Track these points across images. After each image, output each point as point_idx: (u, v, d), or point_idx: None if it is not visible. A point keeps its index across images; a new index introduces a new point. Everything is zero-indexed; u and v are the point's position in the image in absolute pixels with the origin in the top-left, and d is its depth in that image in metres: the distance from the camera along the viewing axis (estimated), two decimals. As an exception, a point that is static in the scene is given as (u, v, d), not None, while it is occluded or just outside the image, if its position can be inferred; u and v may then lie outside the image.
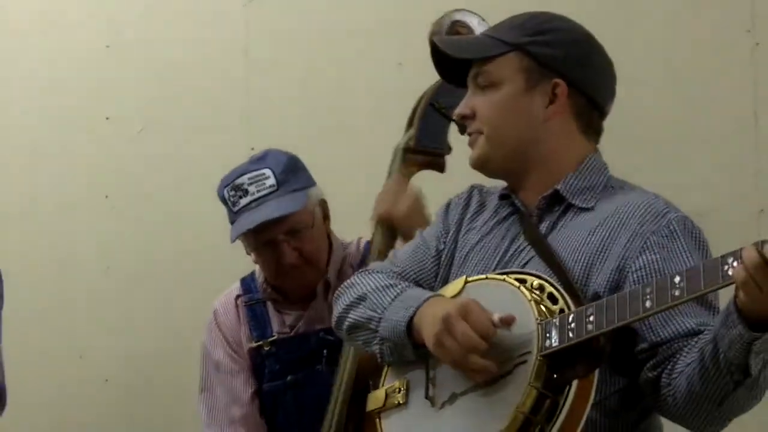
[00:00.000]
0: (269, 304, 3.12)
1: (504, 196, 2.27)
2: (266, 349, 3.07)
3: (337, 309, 2.34)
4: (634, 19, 3.61)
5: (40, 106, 4.04)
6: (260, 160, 3.06)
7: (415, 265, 2.33)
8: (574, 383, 1.94)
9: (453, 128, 2.76)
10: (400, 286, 2.25)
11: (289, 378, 3.04)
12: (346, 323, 2.31)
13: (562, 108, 2.19)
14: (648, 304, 1.86)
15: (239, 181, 3.02)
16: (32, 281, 3.93)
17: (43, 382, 3.96)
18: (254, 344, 3.08)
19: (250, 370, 3.09)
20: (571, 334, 1.94)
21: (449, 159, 2.88)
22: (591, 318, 1.93)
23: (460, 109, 2.25)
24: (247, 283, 3.18)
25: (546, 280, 2.06)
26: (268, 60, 3.92)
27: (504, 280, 2.10)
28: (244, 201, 3.00)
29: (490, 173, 2.26)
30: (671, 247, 2.07)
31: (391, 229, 2.80)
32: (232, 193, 3.02)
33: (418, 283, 2.30)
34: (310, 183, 3.07)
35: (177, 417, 3.90)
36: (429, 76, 3.61)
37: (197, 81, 3.97)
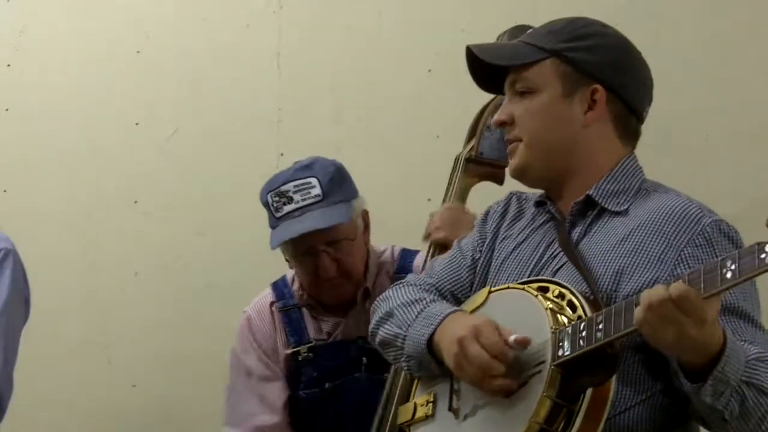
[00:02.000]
0: (304, 310, 3.08)
1: (540, 203, 2.27)
2: (303, 355, 3.02)
3: (371, 323, 2.36)
4: (662, 25, 3.60)
5: (70, 112, 4.05)
6: (307, 168, 3.00)
7: (451, 275, 2.34)
8: (589, 391, 1.93)
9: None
10: (424, 301, 2.25)
11: (327, 385, 3.00)
12: (377, 339, 2.33)
13: (601, 114, 2.18)
14: None
15: (284, 188, 2.97)
16: (62, 285, 3.94)
17: (71, 387, 3.96)
18: (291, 350, 3.04)
19: (285, 376, 3.05)
20: (582, 342, 1.94)
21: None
22: (600, 326, 1.92)
23: (499, 116, 2.25)
24: (280, 288, 3.14)
25: (567, 288, 2.06)
26: (299, 66, 3.92)
27: (524, 289, 2.09)
28: (287, 208, 2.96)
29: (531, 182, 2.26)
30: (706, 258, 2.05)
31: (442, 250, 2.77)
32: (276, 199, 2.97)
33: (453, 294, 2.31)
34: (354, 194, 3.04)
35: (205, 423, 3.90)
36: (458, 83, 3.62)
37: (227, 87, 3.97)
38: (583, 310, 2.00)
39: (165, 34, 4.04)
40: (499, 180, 2.83)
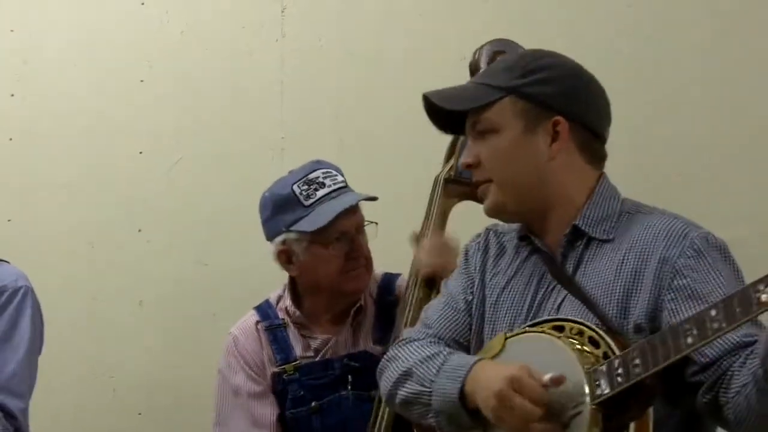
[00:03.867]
0: (291, 329, 3.10)
1: (523, 237, 2.27)
2: (289, 374, 3.04)
3: (385, 385, 2.33)
4: (671, 48, 3.61)
5: (74, 141, 4.06)
6: (316, 162, 3.09)
7: (449, 323, 2.34)
8: (632, 425, 1.94)
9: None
10: (442, 355, 2.24)
11: (313, 404, 3.02)
12: (398, 400, 2.30)
13: (566, 144, 2.18)
14: (690, 340, 1.86)
15: (313, 175, 3.03)
16: (66, 314, 3.94)
17: (77, 415, 3.97)
18: (277, 368, 3.06)
19: (272, 394, 3.06)
20: (619, 379, 1.94)
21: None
22: (636, 361, 1.92)
23: (465, 159, 2.26)
24: (263, 309, 3.16)
25: (584, 325, 2.05)
26: (302, 93, 3.93)
27: (543, 332, 2.09)
28: (321, 192, 3.01)
29: (508, 219, 2.28)
30: (700, 267, 2.07)
31: (432, 284, 2.79)
32: (305, 187, 3.02)
33: (455, 341, 2.31)
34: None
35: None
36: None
37: (231, 115, 3.98)
38: (608, 346, 2.00)
39: (168, 62, 4.05)
40: (480, 199, 2.82)
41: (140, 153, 4.04)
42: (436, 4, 3.79)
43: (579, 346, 2.02)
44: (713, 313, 1.83)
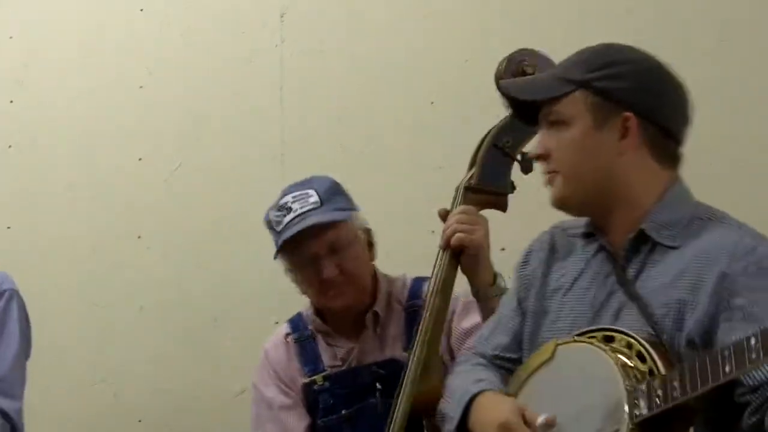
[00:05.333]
0: (319, 339, 3.10)
1: (588, 235, 2.27)
2: (319, 384, 3.04)
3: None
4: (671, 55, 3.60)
5: (73, 148, 4.06)
6: (305, 182, 3.07)
7: (509, 332, 2.36)
8: None
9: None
10: (467, 380, 2.32)
11: (343, 412, 3.01)
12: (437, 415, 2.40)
13: (635, 141, 2.17)
14: (727, 368, 1.84)
15: (283, 201, 3.02)
16: (66, 321, 3.94)
17: (77, 421, 3.97)
18: (307, 379, 3.06)
19: (304, 405, 3.06)
20: (658, 401, 1.93)
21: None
22: (675, 383, 1.91)
23: (536, 150, 2.26)
24: (295, 321, 3.16)
25: (634, 339, 2.05)
26: (302, 99, 3.92)
27: (591, 343, 2.09)
28: (287, 218, 2.99)
29: (572, 212, 2.27)
30: (760, 287, 2.03)
31: (457, 257, 2.74)
32: (276, 213, 3.01)
33: (511, 350, 2.35)
34: (354, 207, 3.08)
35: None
36: (461, 114, 3.64)
37: (231, 121, 3.98)
38: (654, 363, 1.99)
39: (167, 68, 4.05)
40: (502, 207, 2.80)
41: (140, 159, 4.03)
42: (438, 8, 3.79)
43: (625, 361, 2.02)
44: (753, 342, 1.81)
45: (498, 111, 2.71)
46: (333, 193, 3.04)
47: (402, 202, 3.78)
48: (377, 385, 2.98)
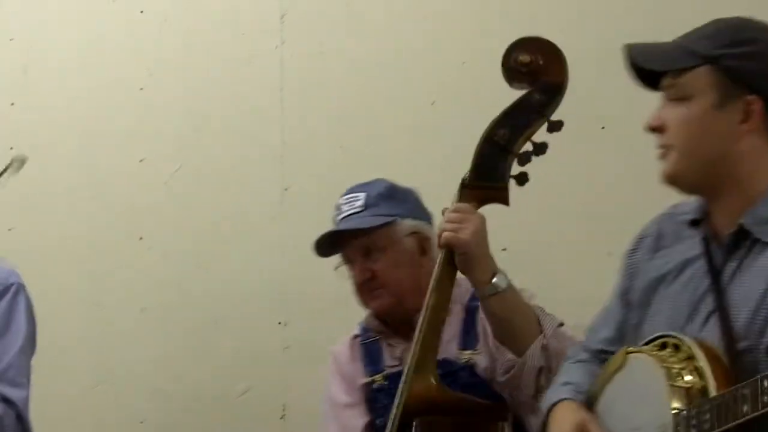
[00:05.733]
0: (382, 340, 3.12)
1: (695, 222, 2.20)
2: (378, 383, 3.06)
3: None
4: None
5: (75, 149, 4.06)
6: (364, 185, 3.14)
7: (614, 325, 2.33)
8: None
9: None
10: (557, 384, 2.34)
11: None
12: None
13: (757, 126, 2.08)
14: (745, 408, 1.84)
15: (340, 200, 3.11)
16: (68, 322, 3.94)
17: (78, 423, 3.97)
18: (367, 379, 3.08)
19: (364, 404, 3.08)
20: (693, 430, 1.92)
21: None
22: (707, 416, 1.90)
23: (651, 121, 2.18)
24: (363, 324, 3.19)
25: (697, 354, 2.01)
26: (302, 100, 3.93)
27: (654, 355, 2.06)
28: (338, 218, 3.09)
29: (682, 189, 2.19)
30: None
31: (451, 256, 2.72)
32: (335, 212, 3.10)
33: (610, 341, 2.33)
34: (406, 214, 3.08)
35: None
36: (462, 115, 3.65)
37: (231, 122, 3.98)
38: (706, 382, 1.96)
39: (168, 70, 4.05)
40: (502, 201, 2.76)
41: (141, 161, 4.04)
42: (437, 9, 3.79)
43: (679, 376, 2.00)
44: (765, 384, 1.80)
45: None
46: (382, 198, 3.08)
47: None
48: None
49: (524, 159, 2.71)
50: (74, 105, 4.10)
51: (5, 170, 2.96)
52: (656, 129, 2.17)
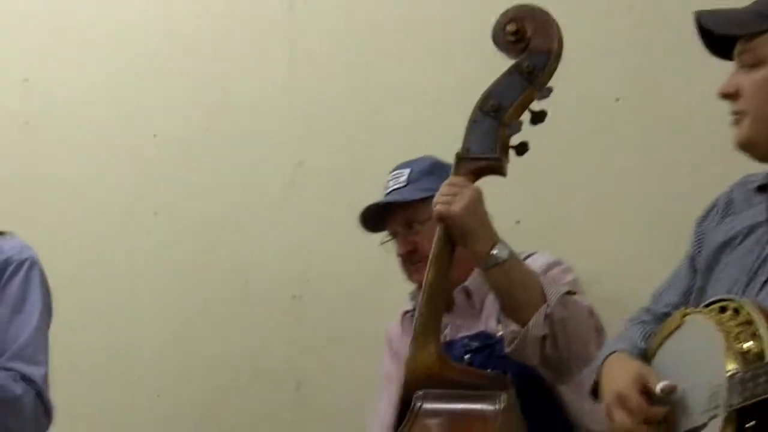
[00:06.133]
0: None
1: (763, 188, 2.20)
2: None
3: None
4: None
5: (89, 124, 4.07)
6: (412, 161, 3.22)
7: (680, 290, 2.35)
8: None
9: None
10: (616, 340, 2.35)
11: None
12: None
13: None
14: None
15: (387, 177, 3.21)
16: (84, 298, 3.95)
17: (96, 398, 3.98)
18: None
19: None
20: (747, 393, 1.91)
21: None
22: (762, 379, 1.89)
23: (724, 87, 2.17)
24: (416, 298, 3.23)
25: (756, 319, 2.00)
26: (313, 75, 3.92)
27: (712, 317, 2.06)
28: (384, 192, 3.19)
29: (755, 156, 2.18)
30: None
31: (445, 229, 2.70)
32: (384, 187, 3.20)
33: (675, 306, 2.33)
34: None
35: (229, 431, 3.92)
36: (474, 84, 3.62)
37: (243, 96, 3.98)
38: (762, 348, 1.96)
39: (179, 43, 4.05)
40: (499, 172, 2.71)
41: (154, 136, 4.04)
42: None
43: (737, 340, 1.98)
44: None
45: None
46: (425, 173, 3.14)
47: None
48: (465, 357, 2.99)
49: (515, 129, 2.69)
50: (88, 79, 4.10)
51: None
52: (729, 96, 2.15)
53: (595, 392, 2.33)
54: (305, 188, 3.86)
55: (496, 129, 2.69)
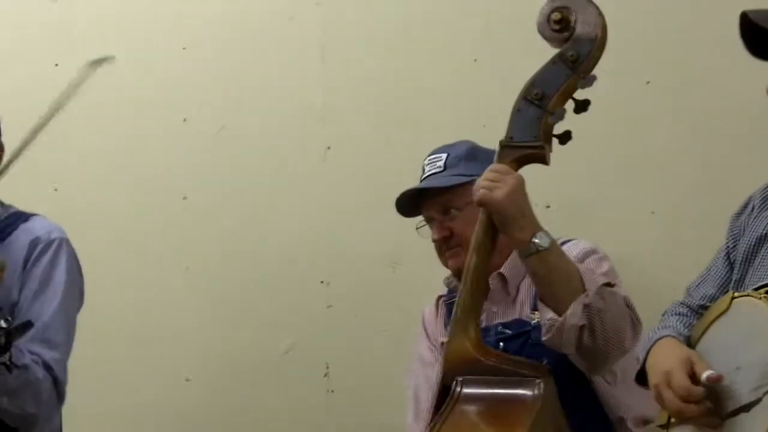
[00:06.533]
0: None
1: None
2: None
3: None
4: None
5: (118, 109, 4.07)
6: (448, 146, 3.20)
7: (716, 283, 2.39)
8: None
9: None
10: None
11: None
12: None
13: None
14: None
15: (424, 162, 3.19)
16: (113, 282, 3.96)
17: (124, 382, 3.99)
18: (445, 338, 3.10)
19: None
20: None
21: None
22: None
23: None
24: (452, 284, 3.23)
25: None
26: (344, 59, 3.92)
27: (761, 298, 2.09)
28: (420, 177, 3.18)
29: None
30: None
31: (489, 216, 2.70)
32: (421, 172, 3.19)
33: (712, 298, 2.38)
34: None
35: (257, 416, 3.92)
36: (504, 72, 3.62)
37: (273, 81, 3.98)
38: None
39: (209, 29, 4.05)
40: (541, 160, 2.72)
41: (184, 120, 4.04)
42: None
43: None
44: None
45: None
46: (462, 159, 3.13)
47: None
48: (500, 344, 2.98)
49: (558, 117, 2.69)
50: (117, 64, 4.09)
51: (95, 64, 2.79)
52: None
53: (640, 378, 2.35)
54: (334, 173, 3.86)
55: (540, 117, 2.70)
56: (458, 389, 2.54)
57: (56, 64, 4.11)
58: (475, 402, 2.53)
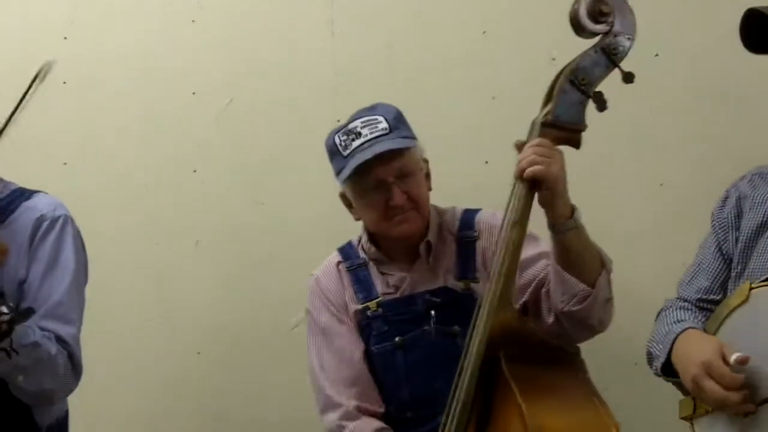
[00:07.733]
0: (371, 267, 3.16)
1: None
2: (372, 310, 3.10)
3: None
4: None
5: (127, 83, 4.07)
6: (371, 109, 3.11)
7: (710, 275, 2.42)
8: None
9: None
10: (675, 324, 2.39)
11: (397, 339, 3.07)
12: (647, 352, 2.50)
13: None
14: None
15: (352, 125, 3.07)
16: (123, 257, 3.97)
17: (135, 355, 4.01)
18: (360, 306, 3.12)
19: (357, 331, 3.12)
20: None
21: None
22: None
23: None
24: (346, 250, 3.22)
25: None
26: (354, 33, 3.91)
27: None
28: (356, 143, 3.04)
29: None
30: None
31: (533, 190, 2.70)
32: (344, 137, 3.06)
33: (710, 290, 2.41)
34: (415, 137, 3.11)
35: (268, 389, 3.94)
36: (513, 45, 3.62)
37: (282, 55, 3.97)
38: None
39: (219, 2, 4.04)
40: (576, 144, 2.75)
41: (193, 94, 4.04)
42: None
43: None
44: None
45: (549, 42, 2.70)
46: (399, 120, 3.09)
47: (455, 133, 3.78)
48: (432, 312, 3.01)
49: (602, 106, 2.71)
50: (126, 39, 4.10)
51: (34, 80, 2.82)
52: None
53: (665, 370, 2.37)
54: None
55: (585, 102, 2.72)
56: (505, 365, 2.57)
57: (65, 38, 4.10)
58: (531, 378, 2.56)
